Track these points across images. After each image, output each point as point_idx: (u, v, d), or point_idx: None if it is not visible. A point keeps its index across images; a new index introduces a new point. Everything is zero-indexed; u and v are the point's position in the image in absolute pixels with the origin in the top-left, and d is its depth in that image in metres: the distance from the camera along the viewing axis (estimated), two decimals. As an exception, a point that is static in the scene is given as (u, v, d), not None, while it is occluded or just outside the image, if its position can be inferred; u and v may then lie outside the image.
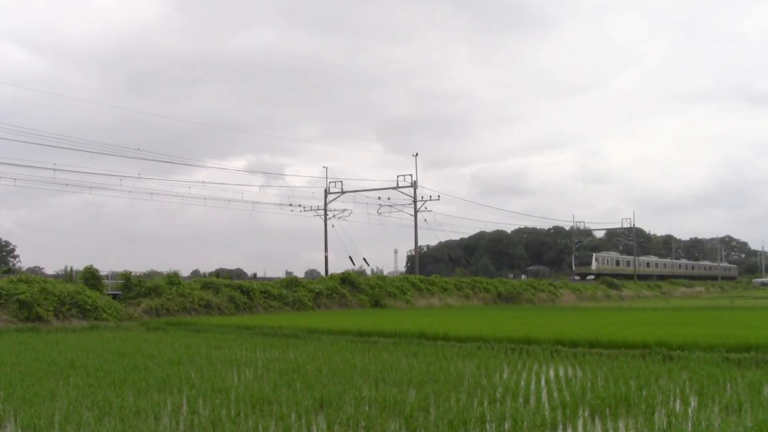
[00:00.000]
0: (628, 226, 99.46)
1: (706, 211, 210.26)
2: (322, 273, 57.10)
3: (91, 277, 30.73)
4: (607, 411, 9.02)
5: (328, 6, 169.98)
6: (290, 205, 59.54)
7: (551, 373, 12.47)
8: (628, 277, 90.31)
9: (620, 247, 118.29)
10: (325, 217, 58.74)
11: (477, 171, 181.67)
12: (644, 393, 9.98)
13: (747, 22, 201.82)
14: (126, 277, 32.37)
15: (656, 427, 7.98)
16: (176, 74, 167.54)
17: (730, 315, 27.76)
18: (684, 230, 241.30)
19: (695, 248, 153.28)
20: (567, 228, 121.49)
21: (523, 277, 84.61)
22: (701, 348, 14.58)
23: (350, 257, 62.08)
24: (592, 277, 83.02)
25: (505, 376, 12.13)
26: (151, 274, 37.27)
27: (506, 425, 8.27)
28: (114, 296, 30.88)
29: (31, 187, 76.60)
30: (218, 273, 47.39)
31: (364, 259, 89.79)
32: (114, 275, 32.64)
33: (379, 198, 59.46)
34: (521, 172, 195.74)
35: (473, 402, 9.45)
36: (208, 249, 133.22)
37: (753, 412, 8.74)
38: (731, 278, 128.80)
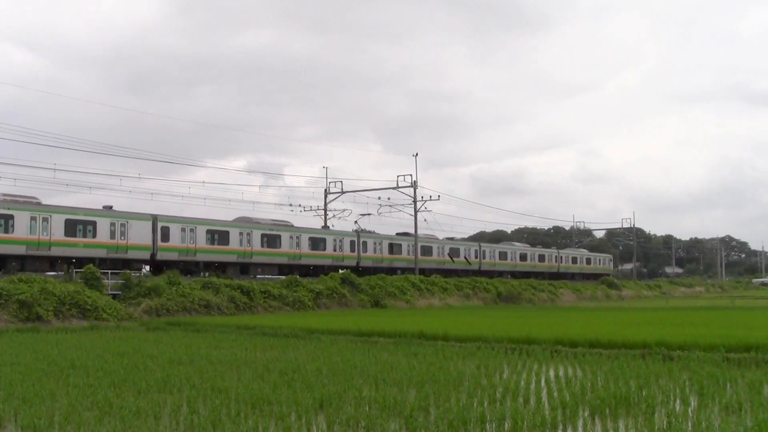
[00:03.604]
0: (628, 226, 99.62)
1: (706, 211, 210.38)
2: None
3: (91, 277, 30.72)
4: (607, 411, 9.03)
5: (327, 6, 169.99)
6: (290, 205, 59.41)
7: (551, 373, 12.48)
8: (189, 269, 39.30)
9: (620, 247, 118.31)
10: (325, 217, 58.75)
11: (476, 171, 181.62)
12: (644, 393, 9.99)
13: (745, 22, 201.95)
14: (126, 277, 32.36)
15: (656, 427, 7.98)
16: (176, 74, 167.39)
17: (730, 315, 27.78)
18: (684, 230, 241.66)
19: (695, 248, 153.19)
20: (567, 228, 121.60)
21: None
22: (701, 348, 14.59)
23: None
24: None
25: (505, 376, 12.13)
26: (150, 274, 37.21)
27: (506, 425, 8.27)
28: (114, 296, 30.86)
29: (31, 187, 76.36)
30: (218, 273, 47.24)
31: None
32: (114, 275, 32.62)
33: (379, 198, 59.18)
34: (521, 172, 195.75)
35: (473, 402, 9.45)
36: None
37: (753, 412, 8.74)
38: (591, 276, 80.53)
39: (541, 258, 73.48)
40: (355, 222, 57.37)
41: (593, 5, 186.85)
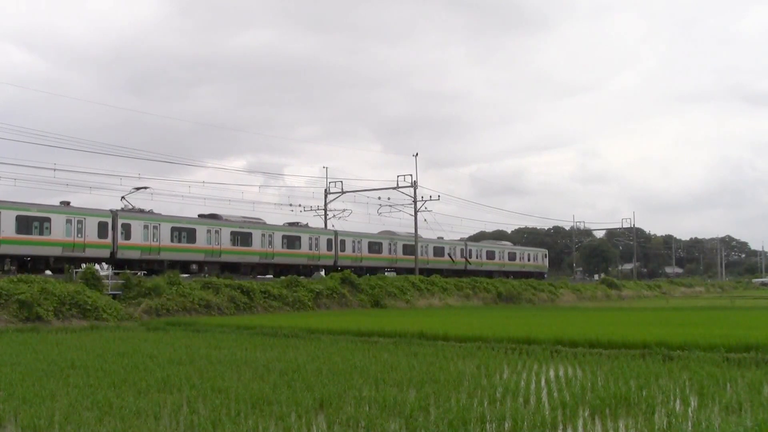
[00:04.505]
0: (628, 226, 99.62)
1: (706, 211, 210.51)
2: (322, 273, 57.02)
3: (91, 277, 30.71)
4: (607, 411, 9.03)
5: (327, 6, 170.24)
6: (290, 205, 59.42)
7: (551, 373, 12.47)
8: None
9: (620, 247, 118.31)
10: (325, 217, 58.76)
11: (476, 171, 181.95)
12: (644, 393, 9.98)
13: (745, 22, 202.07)
14: (126, 277, 32.37)
15: (656, 427, 7.98)
16: (176, 74, 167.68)
17: (730, 315, 27.76)
18: (684, 230, 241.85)
19: (695, 248, 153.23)
20: (567, 228, 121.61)
21: None
22: (701, 348, 14.59)
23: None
24: None
25: (505, 376, 12.13)
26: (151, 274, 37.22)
27: (506, 425, 8.27)
28: (114, 296, 30.86)
29: (31, 187, 76.57)
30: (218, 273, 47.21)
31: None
32: (114, 275, 32.63)
33: (379, 198, 59.13)
34: (520, 172, 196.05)
35: (473, 402, 9.45)
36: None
37: (753, 412, 8.74)
38: (519, 275, 68.06)
39: (438, 252, 59.47)
40: (122, 198, 40.21)
41: (593, 5, 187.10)
